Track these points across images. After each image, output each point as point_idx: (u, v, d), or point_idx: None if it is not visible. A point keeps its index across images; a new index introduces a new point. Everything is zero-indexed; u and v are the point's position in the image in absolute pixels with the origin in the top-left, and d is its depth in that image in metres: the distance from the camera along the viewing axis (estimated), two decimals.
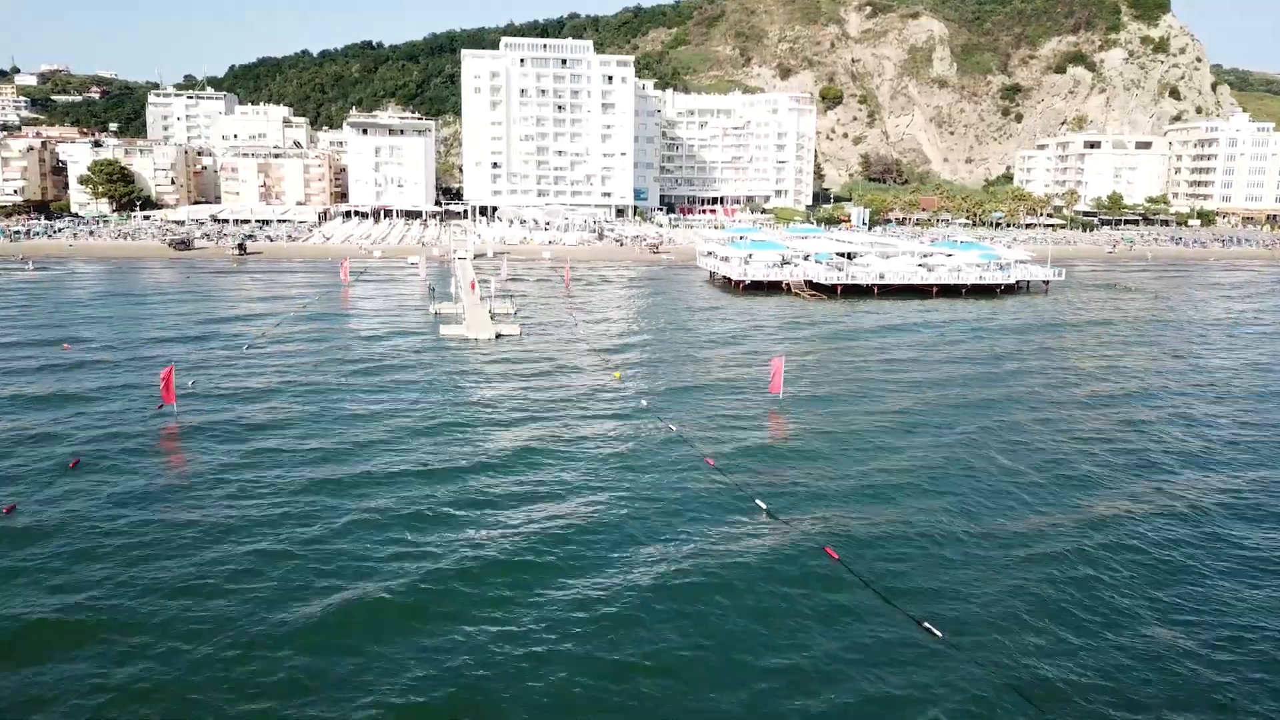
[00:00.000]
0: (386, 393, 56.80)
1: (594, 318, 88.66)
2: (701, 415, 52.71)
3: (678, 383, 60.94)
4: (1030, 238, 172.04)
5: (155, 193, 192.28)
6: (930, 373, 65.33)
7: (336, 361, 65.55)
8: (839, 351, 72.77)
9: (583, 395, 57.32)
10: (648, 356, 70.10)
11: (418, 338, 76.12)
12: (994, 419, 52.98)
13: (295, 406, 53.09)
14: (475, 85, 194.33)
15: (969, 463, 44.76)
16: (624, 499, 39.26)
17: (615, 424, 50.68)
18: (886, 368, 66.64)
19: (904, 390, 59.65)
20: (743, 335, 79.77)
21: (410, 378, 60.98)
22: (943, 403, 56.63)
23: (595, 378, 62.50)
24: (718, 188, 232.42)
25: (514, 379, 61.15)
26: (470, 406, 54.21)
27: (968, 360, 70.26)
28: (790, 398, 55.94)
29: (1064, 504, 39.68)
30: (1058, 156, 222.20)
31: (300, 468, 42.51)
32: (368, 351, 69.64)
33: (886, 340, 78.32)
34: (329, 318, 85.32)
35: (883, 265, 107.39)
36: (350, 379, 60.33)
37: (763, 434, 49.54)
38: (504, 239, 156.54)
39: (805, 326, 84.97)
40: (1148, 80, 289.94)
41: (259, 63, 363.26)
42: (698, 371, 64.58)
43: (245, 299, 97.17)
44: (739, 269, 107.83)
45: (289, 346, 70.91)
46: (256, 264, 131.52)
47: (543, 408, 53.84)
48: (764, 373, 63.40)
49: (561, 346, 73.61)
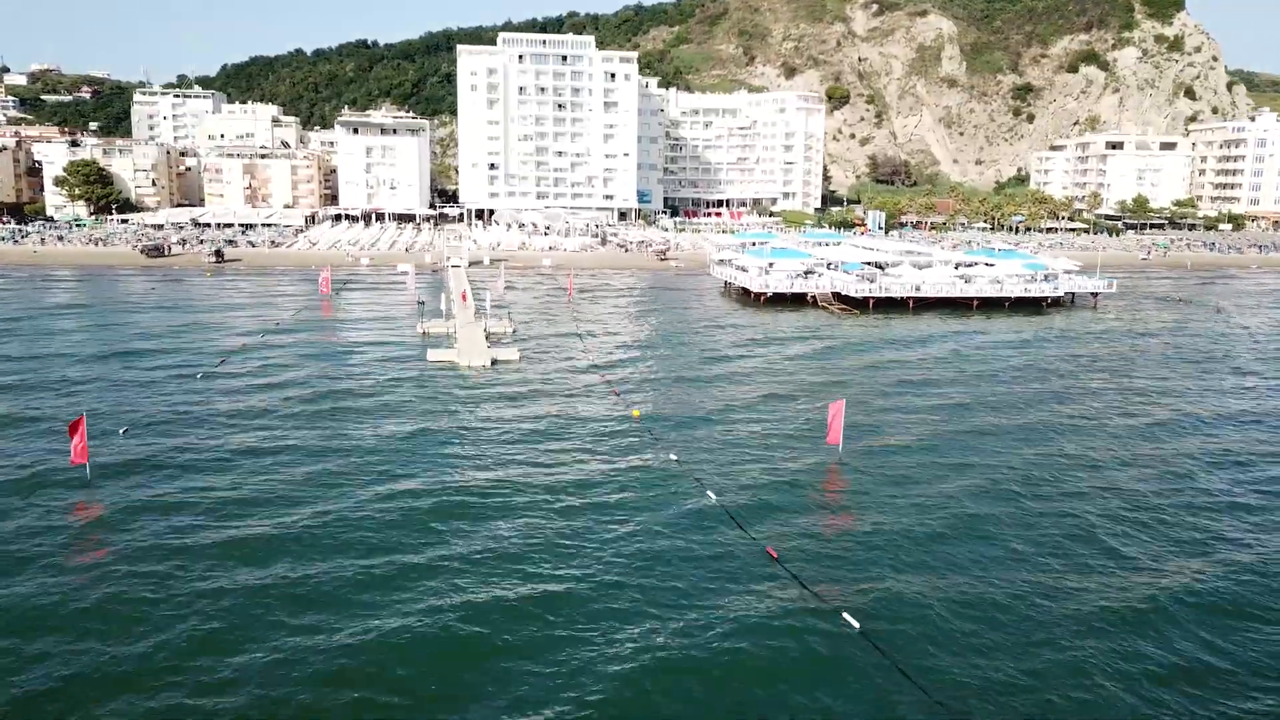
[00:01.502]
0: (349, 450, 45.84)
1: (601, 337, 77.75)
2: (745, 475, 41.83)
3: (708, 425, 50.02)
4: (1057, 242, 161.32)
5: (135, 195, 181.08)
6: (1007, 416, 54.45)
7: (300, 400, 54.48)
8: (891, 381, 61.87)
9: (595, 443, 46.44)
10: (669, 389, 59.19)
11: (401, 364, 65.15)
12: (1118, 482, 42.24)
13: (243, 466, 42.12)
14: (472, 82, 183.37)
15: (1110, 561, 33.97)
16: (661, 625, 28.36)
17: (638, 492, 39.67)
18: (953, 405, 55.75)
19: (989, 443, 48.81)
20: (774, 360, 68.84)
21: (385, 425, 49.96)
22: (1044, 467, 45.78)
23: (609, 416, 51.64)
24: (723, 190, 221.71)
25: (511, 424, 50.15)
26: (454, 463, 43.30)
27: (1050, 398, 59.44)
28: (851, 450, 45.10)
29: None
30: (1077, 158, 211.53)
31: (244, 565, 31.65)
32: (340, 385, 58.60)
33: (941, 369, 67.45)
34: (302, 338, 74.29)
35: (916, 276, 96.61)
36: (314, 425, 49.34)
37: (828, 508, 38.61)
38: (501, 244, 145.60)
39: (843, 349, 74.03)
40: (1162, 80, 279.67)
41: (251, 62, 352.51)
42: (729, 409, 53.66)
43: (213, 315, 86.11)
44: (759, 280, 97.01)
45: (248, 379, 59.87)
46: (234, 272, 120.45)
47: (546, 465, 42.90)
48: (809, 412, 52.65)
49: (567, 375, 62.72)
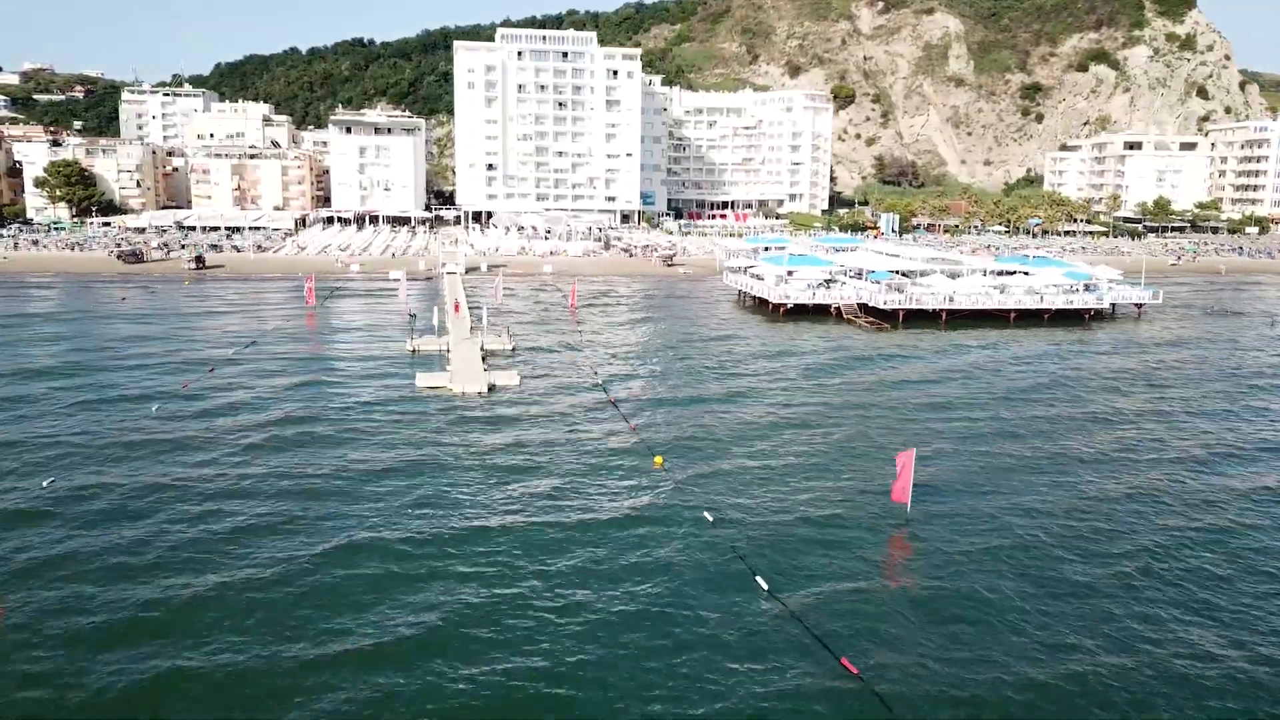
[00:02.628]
0: (311, 494, 37.80)
1: (609, 355, 69.77)
2: (796, 547, 33.87)
3: (742, 474, 42.09)
4: (1079, 246, 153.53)
5: (119, 196, 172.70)
6: (1089, 466, 46.52)
7: (264, 434, 46.43)
8: (940, 412, 53.92)
9: (610, 500, 38.48)
10: (689, 421, 51.19)
11: (386, 390, 57.11)
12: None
13: (175, 512, 34.10)
14: (469, 80, 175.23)
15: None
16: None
17: (670, 582, 31.60)
18: (1021, 445, 47.79)
19: (1084, 489, 40.90)
20: (803, 383, 60.84)
21: (357, 466, 41.94)
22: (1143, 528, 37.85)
23: (625, 459, 43.71)
24: (727, 191, 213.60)
25: (507, 473, 42.15)
26: (436, 520, 35.32)
27: (1132, 439, 51.50)
28: (920, 508, 37.17)
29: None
30: (1093, 158, 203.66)
31: (170, 643, 23.64)
32: (313, 416, 50.50)
33: (993, 396, 59.47)
34: (279, 357, 66.22)
35: (948, 286, 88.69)
36: (273, 465, 41.33)
37: (912, 600, 30.47)
38: (500, 249, 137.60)
39: (877, 370, 66.07)
40: (1174, 79, 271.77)
41: (246, 60, 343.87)
42: (761, 450, 45.70)
43: (184, 329, 77.97)
44: (777, 289, 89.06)
45: (209, 405, 51.77)
46: (215, 280, 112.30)
47: (549, 529, 34.91)
48: (854, 452, 44.70)
49: (573, 404, 54.74)
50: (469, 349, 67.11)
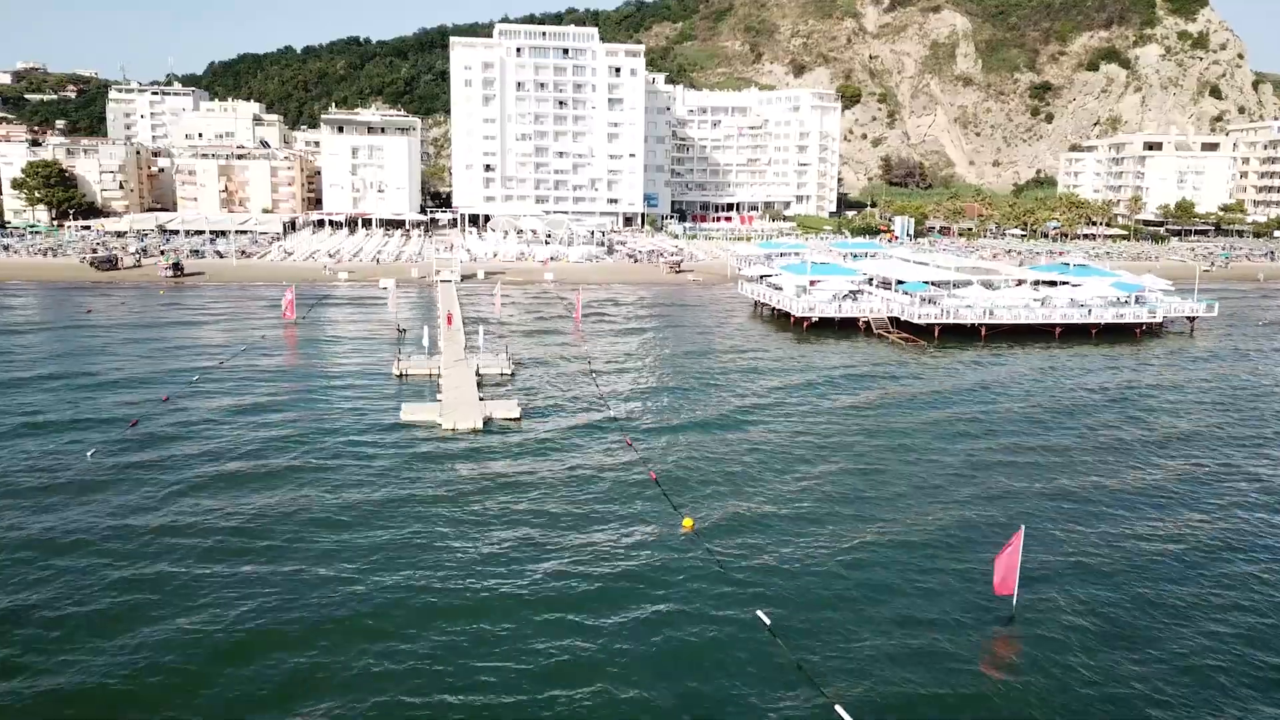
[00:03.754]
0: (263, 558, 29.78)
1: (620, 378, 61.76)
2: (876, 659, 25.92)
3: (793, 541, 34.09)
4: (1103, 252, 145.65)
5: (101, 198, 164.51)
6: (1201, 514, 38.66)
7: (210, 486, 38.38)
8: (1022, 455, 45.95)
9: (631, 580, 30.51)
10: (719, 466, 43.23)
11: (365, 426, 49.06)
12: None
13: (92, 640, 26.06)
14: (466, 77, 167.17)
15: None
16: None
17: (711, 707, 23.69)
18: (1138, 509, 39.84)
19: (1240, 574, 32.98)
20: (842, 414, 52.80)
21: (321, 532, 33.87)
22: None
23: (647, 519, 35.79)
24: (732, 193, 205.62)
25: (503, 531, 34.10)
26: (417, 597, 27.31)
27: (1237, 477, 43.62)
28: (1029, 604, 29.20)
29: None
30: (1110, 159, 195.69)
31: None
32: (269, 465, 42.47)
33: (1067, 429, 51.54)
34: (245, 385, 58.10)
35: (986, 297, 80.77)
36: (221, 521, 33.30)
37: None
38: (498, 254, 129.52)
39: (924, 396, 57.98)
40: (1186, 78, 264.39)
41: (240, 59, 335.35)
42: (815, 509, 37.74)
43: (148, 348, 69.83)
44: (800, 301, 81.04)
45: (142, 463, 43.66)
46: (194, 288, 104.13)
47: (552, 622, 26.86)
48: (920, 512, 36.71)
49: (582, 442, 46.77)
50: (462, 373, 59.08)
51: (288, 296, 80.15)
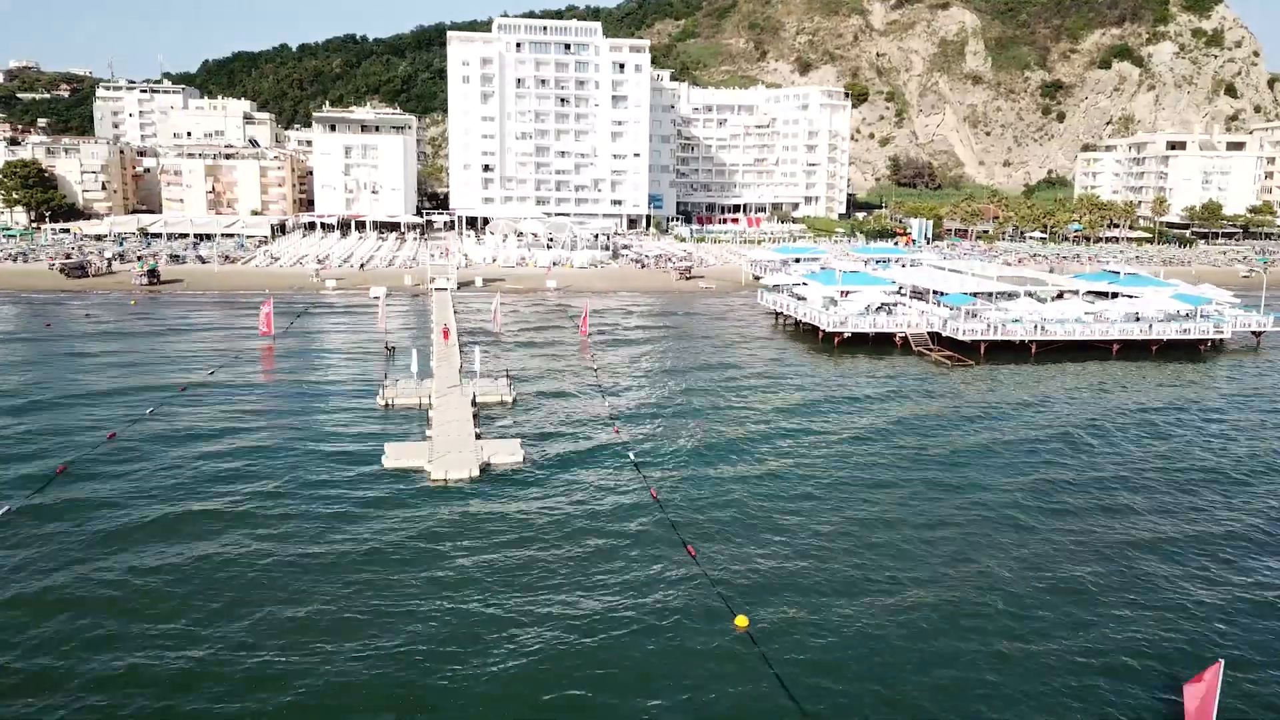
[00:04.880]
0: (185, 648, 21.93)
1: (638, 410, 53.69)
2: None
3: (880, 653, 26.21)
4: (1131, 255, 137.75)
5: (82, 199, 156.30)
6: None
7: (121, 584, 30.36)
8: (1139, 519, 38.05)
9: (672, 700, 22.61)
10: (768, 529, 35.28)
11: (340, 473, 41.07)
12: None
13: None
14: (463, 74, 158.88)
15: None
16: None
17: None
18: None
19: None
20: (899, 454, 44.82)
21: (265, 635, 25.90)
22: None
23: (689, 611, 27.84)
24: (739, 194, 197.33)
25: (502, 621, 26.12)
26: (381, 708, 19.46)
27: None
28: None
29: None
30: (1130, 159, 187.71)
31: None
32: (224, 531, 34.39)
33: (1174, 475, 43.64)
34: (206, 417, 49.99)
35: (1034, 310, 72.82)
36: (154, 602, 25.34)
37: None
38: (497, 259, 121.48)
39: (997, 432, 50.03)
40: (1201, 76, 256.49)
41: (234, 57, 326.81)
42: (895, 600, 29.87)
43: (99, 373, 61.75)
44: (831, 315, 73.03)
45: (70, 514, 35.61)
46: (170, 297, 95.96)
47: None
48: (1008, 593, 28.64)
49: (599, 496, 38.84)
50: (457, 403, 51.06)
51: (265, 310, 72.03)
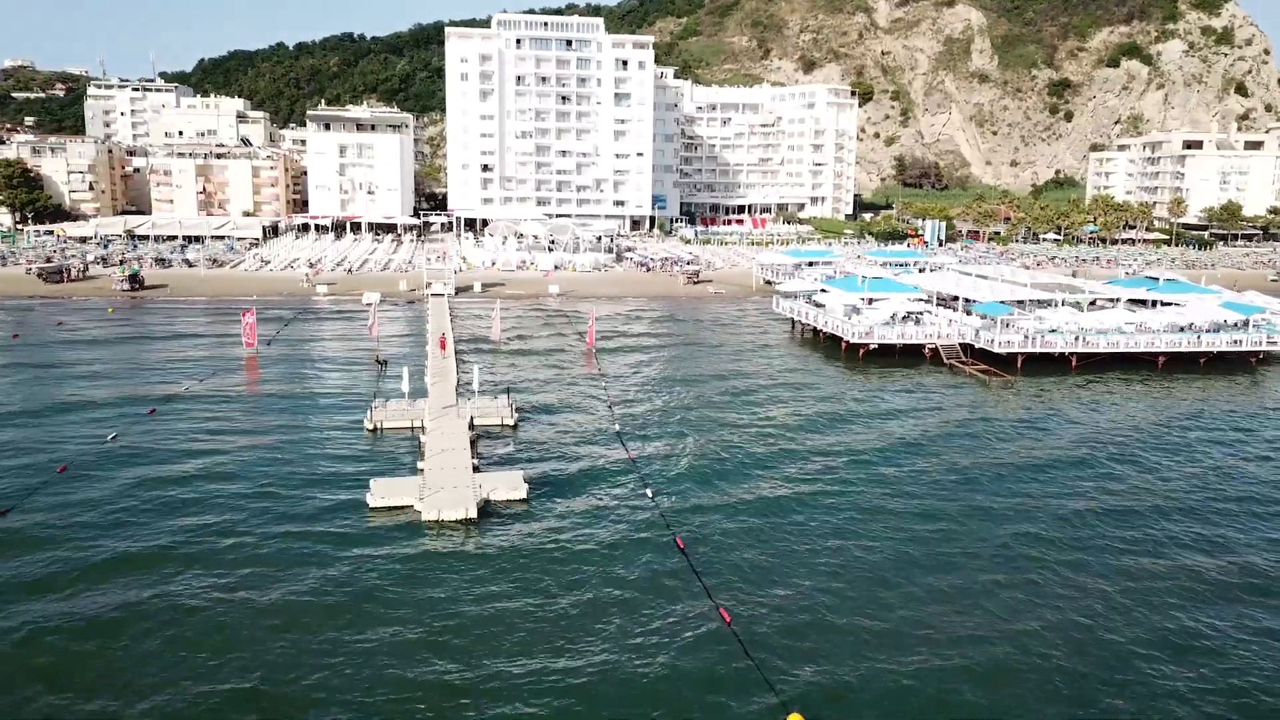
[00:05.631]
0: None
1: (650, 429, 48.39)
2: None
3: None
4: (1152, 258, 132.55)
5: (69, 200, 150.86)
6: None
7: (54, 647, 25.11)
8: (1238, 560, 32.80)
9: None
10: (815, 586, 30.01)
11: (316, 515, 35.71)
12: None
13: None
14: (462, 71, 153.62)
15: None
16: None
17: None
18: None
19: None
20: (945, 479, 39.56)
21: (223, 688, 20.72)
22: None
23: (731, 702, 22.60)
24: (743, 194, 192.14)
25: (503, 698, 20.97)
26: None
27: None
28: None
29: None
30: (1145, 159, 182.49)
31: None
32: (180, 580, 29.04)
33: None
34: (171, 449, 44.57)
35: (1073, 320, 67.55)
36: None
37: None
38: (496, 262, 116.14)
39: (1048, 456, 44.72)
40: (1210, 75, 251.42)
41: (230, 56, 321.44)
42: (993, 689, 24.62)
43: (62, 388, 56.37)
44: (855, 325, 67.71)
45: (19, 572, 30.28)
46: (151, 304, 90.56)
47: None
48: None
49: (615, 539, 33.53)
50: (453, 427, 45.70)
51: (248, 320, 66.63)
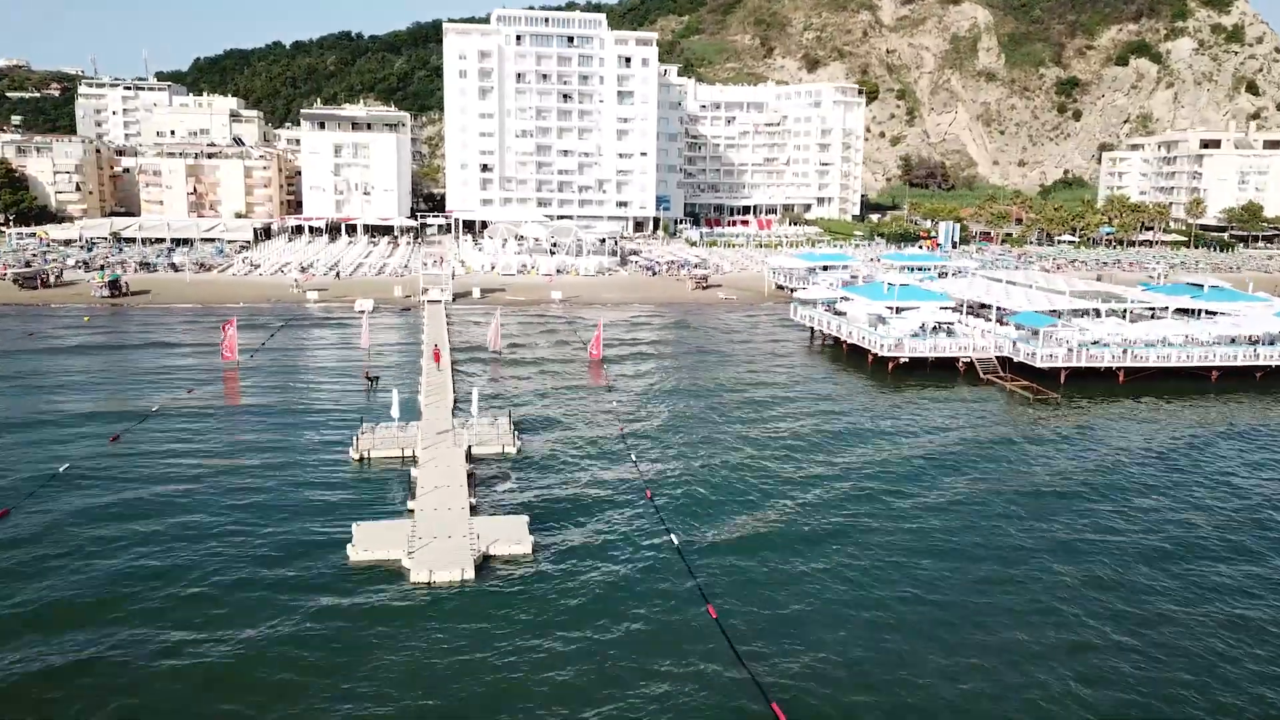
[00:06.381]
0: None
1: (668, 458, 43.12)
2: None
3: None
4: (1177, 261, 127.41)
5: (55, 201, 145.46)
6: None
7: None
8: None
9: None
10: (880, 669, 24.79)
11: (283, 575, 30.42)
12: None
13: None
14: (460, 68, 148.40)
15: None
16: None
17: None
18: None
19: None
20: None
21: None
22: None
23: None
24: (748, 195, 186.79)
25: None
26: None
27: None
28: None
29: None
30: (1160, 159, 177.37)
31: None
32: (111, 650, 23.80)
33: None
34: (129, 482, 39.31)
35: (1117, 330, 62.33)
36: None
37: None
38: (496, 266, 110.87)
39: (1134, 504, 39.48)
40: (1221, 73, 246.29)
41: (226, 55, 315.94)
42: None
43: (17, 409, 51.06)
44: (884, 336, 62.44)
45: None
46: (131, 311, 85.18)
47: None
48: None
49: (633, 604, 28.23)
50: (448, 460, 40.36)
51: (228, 331, 61.28)
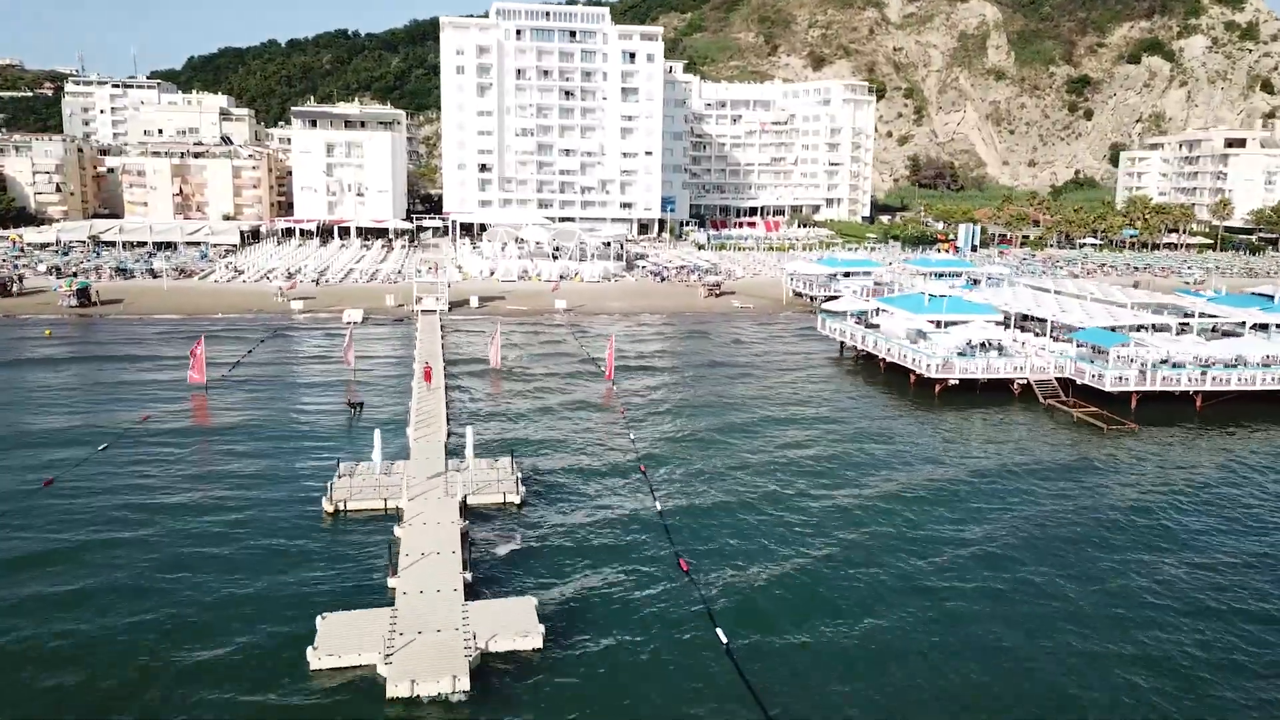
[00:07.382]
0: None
1: (704, 517, 36.22)
2: None
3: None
4: (1209, 266, 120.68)
5: (35, 202, 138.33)
6: None
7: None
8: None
9: None
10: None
11: (219, 690, 23.49)
12: None
13: None
14: (458, 64, 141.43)
15: None
16: None
17: None
18: None
19: None
20: (1091, 582, 27.61)
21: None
22: None
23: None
24: (755, 196, 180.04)
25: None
26: None
27: None
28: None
29: None
30: (1181, 158, 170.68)
31: None
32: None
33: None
34: (55, 543, 32.25)
35: (1189, 348, 55.55)
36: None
37: None
38: (495, 272, 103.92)
39: (1243, 562, 32.69)
40: (1235, 71, 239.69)
41: (220, 54, 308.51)
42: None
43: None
44: (926, 354, 55.56)
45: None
46: (103, 322, 78.15)
47: None
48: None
49: (673, 696, 21.31)
50: (438, 517, 33.35)
51: (196, 350, 54.23)
